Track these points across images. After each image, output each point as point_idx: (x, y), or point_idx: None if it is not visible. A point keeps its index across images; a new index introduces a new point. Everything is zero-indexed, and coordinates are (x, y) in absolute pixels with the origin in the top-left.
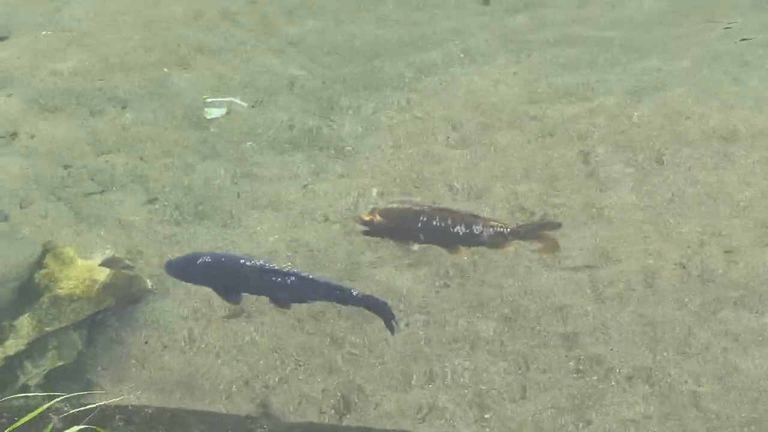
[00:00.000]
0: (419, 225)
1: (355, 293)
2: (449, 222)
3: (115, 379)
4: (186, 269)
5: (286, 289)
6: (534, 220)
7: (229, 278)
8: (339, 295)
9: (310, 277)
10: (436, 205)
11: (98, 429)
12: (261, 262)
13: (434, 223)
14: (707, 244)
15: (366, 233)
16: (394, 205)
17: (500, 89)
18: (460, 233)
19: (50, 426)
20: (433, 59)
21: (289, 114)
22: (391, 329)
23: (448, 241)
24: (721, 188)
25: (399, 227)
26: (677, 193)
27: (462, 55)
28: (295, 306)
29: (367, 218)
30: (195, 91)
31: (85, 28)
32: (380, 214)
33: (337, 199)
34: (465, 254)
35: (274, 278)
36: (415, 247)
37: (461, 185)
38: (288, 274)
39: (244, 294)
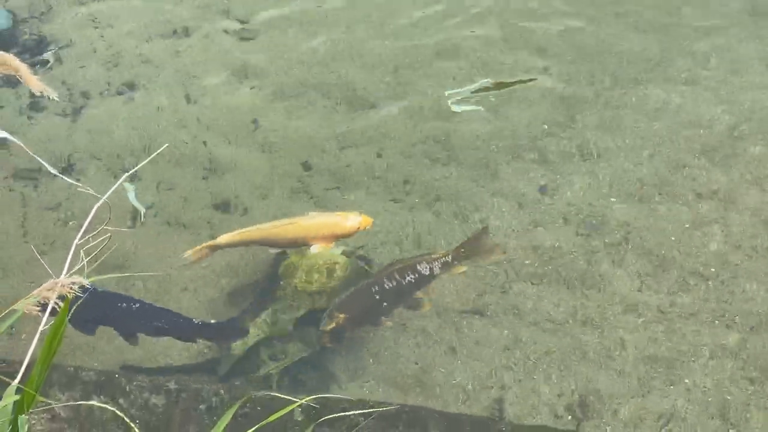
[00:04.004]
0: (378, 296)
1: (196, 321)
2: (400, 276)
3: (352, 374)
4: None
5: (130, 318)
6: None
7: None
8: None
9: (154, 305)
10: (381, 269)
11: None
12: (102, 289)
13: (388, 285)
14: None
15: (337, 339)
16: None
17: (751, 95)
18: (413, 281)
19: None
20: (681, 61)
21: (531, 114)
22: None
23: (410, 292)
24: None
25: (363, 311)
26: None
27: (712, 59)
28: (532, 307)
29: (331, 326)
30: (438, 87)
31: (330, 23)
32: (338, 311)
33: (577, 201)
34: (427, 306)
35: (119, 304)
36: (389, 323)
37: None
38: (133, 300)
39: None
